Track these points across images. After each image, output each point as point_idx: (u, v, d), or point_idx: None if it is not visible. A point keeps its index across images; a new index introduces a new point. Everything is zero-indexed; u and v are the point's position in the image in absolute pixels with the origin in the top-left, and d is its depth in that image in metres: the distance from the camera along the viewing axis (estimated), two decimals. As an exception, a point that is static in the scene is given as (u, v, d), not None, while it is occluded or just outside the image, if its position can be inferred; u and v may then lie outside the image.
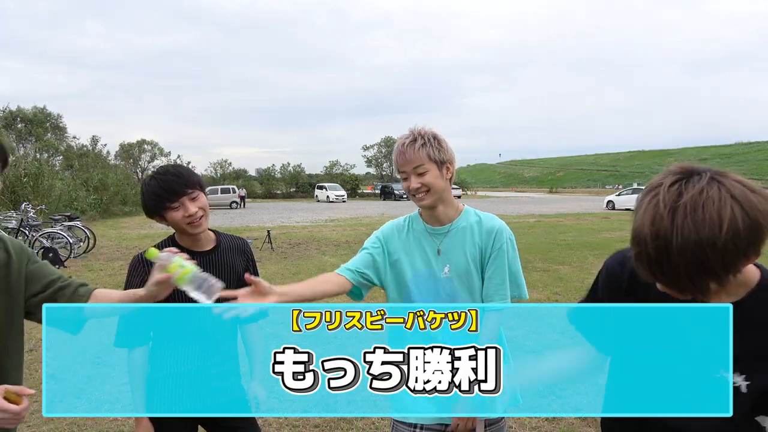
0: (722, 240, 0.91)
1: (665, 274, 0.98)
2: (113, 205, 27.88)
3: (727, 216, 0.92)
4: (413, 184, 1.81)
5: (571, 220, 22.34)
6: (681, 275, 0.96)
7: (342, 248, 12.86)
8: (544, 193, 77.75)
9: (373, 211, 30.62)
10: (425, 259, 1.90)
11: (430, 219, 1.92)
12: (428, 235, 1.91)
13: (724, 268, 0.95)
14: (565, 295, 7.22)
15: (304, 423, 3.56)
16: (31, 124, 60.57)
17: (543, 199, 51.70)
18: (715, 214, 0.92)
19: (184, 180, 1.80)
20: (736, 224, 0.92)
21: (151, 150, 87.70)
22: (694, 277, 0.95)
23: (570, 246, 12.59)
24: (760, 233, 0.95)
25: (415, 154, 1.77)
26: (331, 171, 67.14)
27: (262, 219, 24.67)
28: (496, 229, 1.86)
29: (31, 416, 3.67)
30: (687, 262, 0.94)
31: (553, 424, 3.52)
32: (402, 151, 1.80)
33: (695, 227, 0.92)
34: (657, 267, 0.97)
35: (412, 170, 1.80)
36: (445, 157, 1.81)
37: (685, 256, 0.93)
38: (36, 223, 11.73)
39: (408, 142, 1.79)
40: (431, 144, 1.78)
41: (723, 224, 0.91)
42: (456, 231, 1.88)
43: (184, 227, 1.84)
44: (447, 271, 1.86)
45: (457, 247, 1.87)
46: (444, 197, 1.85)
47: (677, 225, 0.93)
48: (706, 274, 0.95)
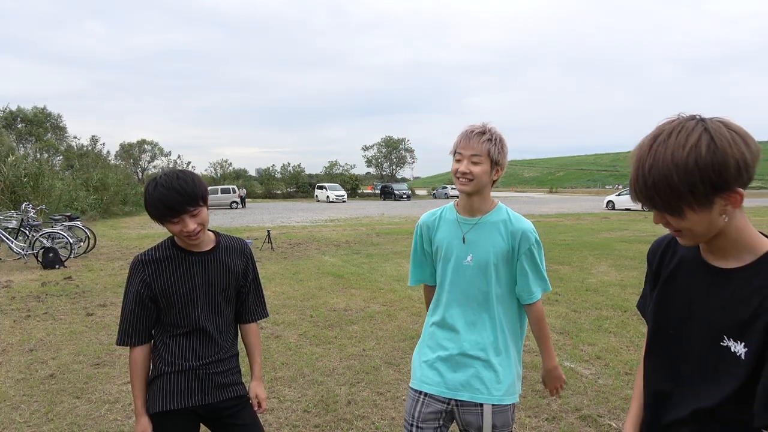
0: (684, 159, 1.03)
1: (643, 194, 1.11)
2: (113, 205, 27.86)
3: (693, 140, 1.04)
4: (463, 168, 1.92)
5: (571, 220, 22.34)
6: (654, 195, 1.09)
7: (342, 248, 12.87)
8: (544, 193, 77.75)
9: (373, 211, 30.62)
10: (451, 246, 2.04)
11: (463, 209, 2.05)
12: (458, 224, 2.04)
13: (689, 189, 1.05)
14: (565, 295, 7.23)
15: (304, 423, 3.56)
16: (31, 124, 60.57)
17: (543, 199, 51.70)
18: (683, 138, 1.05)
19: (186, 197, 1.78)
20: (699, 147, 1.03)
21: (151, 150, 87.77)
22: (665, 196, 1.08)
23: (570, 246, 12.60)
24: (726, 163, 1.04)
25: (479, 145, 1.90)
26: (331, 171, 67.10)
27: (262, 219, 24.67)
28: (523, 229, 1.98)
29: (31, 416, 3.68)
30: (657, 181, 1.07)
31: (553, 424, 3.52)
32: (468, 137, 1.93)
33: (665, 150, 1.06)
34: (637, 187, 1.11)
35: (468, 156, 1.92)
36: (501, 160, 1.95)
37: (655, 176, 1.07)
38: (36, 223, 11.72)
39: (477, 132, 1.93)
40: (495, 143, 1.92)
41: (687, 145, 1.04)
42: (485, 224, 2.00)
43: (181, 238, 1.88)
44: (469, 260, 2.00)
45: (483, 239, 1.99)
46: (483, 192, 1.98)
47: (653, 149, 1.08)
48: (675, 194, 1.07)
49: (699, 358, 1.22)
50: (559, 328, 5.70)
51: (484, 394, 1.97)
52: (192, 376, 1.92)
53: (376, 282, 8.39)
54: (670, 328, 1.29)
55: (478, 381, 1.98)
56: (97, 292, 7.79)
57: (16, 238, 11.44)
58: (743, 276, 1.16)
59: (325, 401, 3.89)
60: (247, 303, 2.09)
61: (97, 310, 6.71)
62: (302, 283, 8.41)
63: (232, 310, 2.05)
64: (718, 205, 1.09)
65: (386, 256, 11.32)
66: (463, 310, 2.01)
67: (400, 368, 4.53)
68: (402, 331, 5.62)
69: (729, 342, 1.15)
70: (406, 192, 52.79)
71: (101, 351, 5.06)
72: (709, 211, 1.10)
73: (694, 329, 1.23)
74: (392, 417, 3.64)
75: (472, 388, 1.98)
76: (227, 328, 2.02)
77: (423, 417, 2.01)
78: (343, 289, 7.94)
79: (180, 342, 1.92)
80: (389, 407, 3.80)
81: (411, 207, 36.15)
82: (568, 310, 6.45)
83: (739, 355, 1.13)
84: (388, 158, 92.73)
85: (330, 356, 4.86)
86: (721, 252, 1.19)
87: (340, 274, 9.09)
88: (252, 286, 2.09)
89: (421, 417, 2.01)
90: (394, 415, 3.66)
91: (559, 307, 6.63)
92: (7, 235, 11.03)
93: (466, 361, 1.99)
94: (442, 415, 2.01)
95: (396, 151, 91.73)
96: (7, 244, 10.97)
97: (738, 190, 1.08)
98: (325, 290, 7.82)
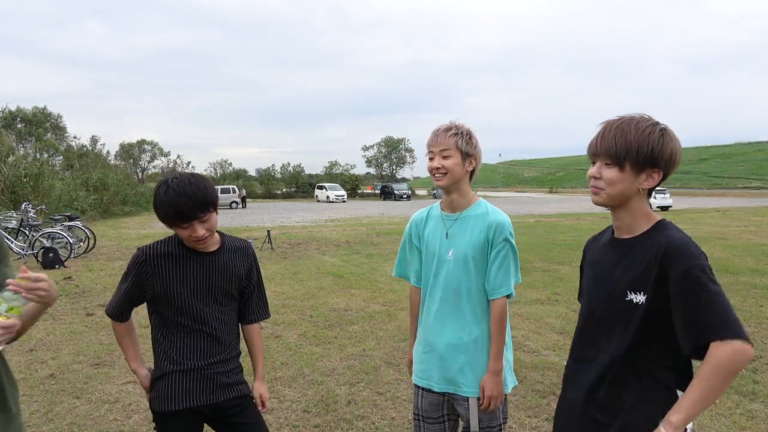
0: (643, 129, 1.43)
1: (605, 142, 1.47)
2: (113, 205, 27.82)
3: (652, 123, 1.45)
4: (435, 164, 2.01)
5: (570, 220, 22.34)
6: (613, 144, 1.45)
7: (342, 248, 12.87)
8: (544, 193, 77.73)
9: (373, 211, 30.63)
10: (435, 241, 2.11)
11: (446, 206, 2.13)
12: (442, 221, 2.13)
13: (637, 148, 1.42)
14: (565, 295, 7.22)
15: (304, 423, 3.56)
16: (31, 124, 60.56)
17: (543, 199, 51.72)
18: (646, 121, 1.45)
19: (198, 204, 1.78)
20: (656, 127, 1.44)
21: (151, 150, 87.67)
22: (620, 146, 1.43)
23: (570, 246, 12.57)
24: (666, 147, 1.43)
25: (446, 140, 2.00)
26: (331, 171, 67.06)
27: (262, 219, 24.66)
28: (498, 221, 2.02)
29: (31, 416, 3.67)
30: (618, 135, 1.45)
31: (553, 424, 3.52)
32: (437, 134, 2.03)
33: (630, 120, 1.46)
34: (601, 137, 1.48)
35: (438, 152, 2.01)
36: (470, 150, 2.02)
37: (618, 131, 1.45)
38: (36, 223, 11.72)
39: (443, 129, 2.03)
40: (462, 136, 2.00)
41: (648, 123, 1.45)
42: (465, 219, 2.07)
43: (189, 242, 1.89)
44: (450, 255, 2.05)
45: (463, 233, 2.05)
46: (460, 186, 2.05)
47: (621, 119, 1.48)
48: (626, 146, 1.43)
49: (611, 317, 1.50)
50: (559, 328, 5.70)
51: (469, 387, 2.02)
52: (197, 375, 1.92)
53: (376, 282, 8.39)
54: (594, 301, 1.58)
55: (462, 375, 2.03)
56: (97, 292, 7.79)
57: (16, 238, 11.45)
58: (640, 241, 1.48)
59: (325, 401, 3.89)
60: (250, 303, 2.10)
61: (97, 310, 6.71)
62: (302, 283, 8.41)
63: (235, 310, 2.05)
64: (641, 176, 1.45)
65: (386, 256, 11.32)
66: (447, 305, 2.06)
67: (400, 368, 4.53)
68: (402, 331, 5.62)
69: (631, 295, 1.45)
70: (406, 192, 52.82)
71: (101, 351, 5.06)
72: (635, 176, 1.45)
73: (603, 293, 1.54)
74: (392, 417, 3.64)
75: (457, 382, 2.04)
76: (231, 328, 2.02)
77: (425, 409, 2.12)
78: (343, 289, 7.94)
79: (185, 341, 1.93)
80: (389, 407, 3.79)
81: (411, 207, 36.14)
82: (568, 310, 6.45)
83: (639, 304, 1.43)
84: (388, 158, 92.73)
85: (330, 356, 4.86)
86: (627, 227, 1.52)
87: (340, 274, 9.09)
88: (255, 287, 2.10)
89: (424, 409, 2.12)
90: (394, 415, 3.66)
91: (559, 307, 6.63)
92: (7, 235, 11.03)
93: (450, 356, 2.04)
94: (443, 406, 2.10)
95: (396, 151, 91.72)
96: (7, 244, 10.96)
97: (659, 171, 1.45)
98: (325, 290, 7.82)
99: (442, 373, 2.06)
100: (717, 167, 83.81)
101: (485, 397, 2.00)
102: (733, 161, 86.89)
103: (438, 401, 2.10)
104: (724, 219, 20.97)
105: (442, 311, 2.06)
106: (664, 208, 29.59)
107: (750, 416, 3.58)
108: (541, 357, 4.79)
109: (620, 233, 1.55)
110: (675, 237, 1.41)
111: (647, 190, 1.48)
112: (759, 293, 7.26)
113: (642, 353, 1.45)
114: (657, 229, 1.47)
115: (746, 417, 3.56)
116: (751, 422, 3.49)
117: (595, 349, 1.54)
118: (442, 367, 2.06)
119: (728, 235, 14.67)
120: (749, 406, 3.74)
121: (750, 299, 6.92)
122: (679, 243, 1.39)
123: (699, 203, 38.56)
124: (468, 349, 2.02)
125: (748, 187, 65.46)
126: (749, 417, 3.57)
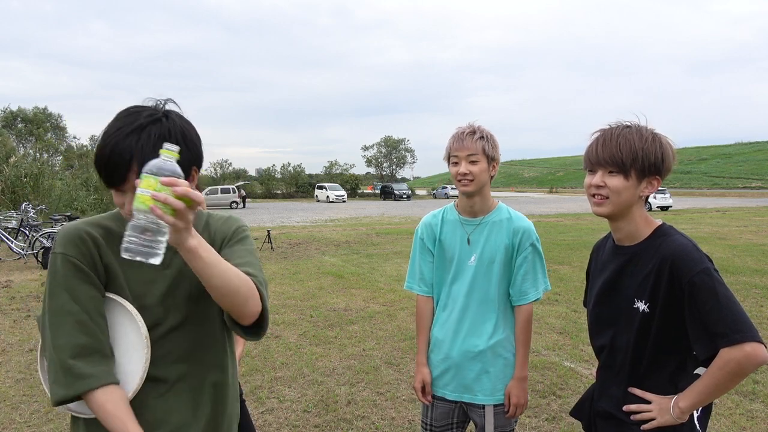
0: (646, 136, 1.44)
1: (608, 150, 1.45)
2: (113, 205, 27.53)
3: (652, 132, 1.46)
4: (462, 169, 1.93)
5: (570, 220, 22.34)
6: (617, 151, 1.43)
7: (342, 248, 12.86)
8: (544, 193, 77.68)
9: (373, 211, 30.62)
10: (454, 247, 2.03)
11: (465, 210, 2.05)
12: (461, 225, 2.05)
13: (642, 155, 1.42)
14: (565, 295, 7.22)
15: (304, 423, 3.56)
16: (32, 124, 60.48)
17: (543, 199, 51.70)
18: (646, 129, 1.47)
19: None
20: (658, 136, 1.46)
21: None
22: (626, 153, 1.42)
23: (570, 246, 12.59)
24: (667, 156, 1.45)
25: (473, 144, 1.92)
26: (331, 171, 67.08)
27: (262, 219, 24.66)
28: (524, 228, 2.00)
29: (31, 416, 3.68)
30: (622, 143, 1.43)
31: (553, 424, 3.52)
32: (461, 138, 1.95)
33: (630, 129, 1.46)
34: (603, 145, 1.46)
35: (465, 157, 1.93)
36: (495, 155, 1.97)
37: (622, 139, 1.44)
38: (36, 223, 11.72)
39: (468, 132, 1.95)
40: (488, 140, 1.94)
41: (649, 131, 1.46)
42: (487, 224, 2.01)
43: None
44: (473, 260, 2.00)
45: (486, 239, 2.00)
46: (483, 191, 1.99)
47: (620, 128, 1.48)
48: (632, 154, 1.42)
49: (618, 323, 1.54)
50: (559, 328, 5.70)
51: (486, 395, 1.98)
52: None
53: (376, 282, 8.39)
54: (602, 304, 1.61)
55: (478, 383, 1.99)
56: (97, 292, 7.79)
57: (16, 238, 11.44)
58: (641, 249, 1.50)
59: (325, 401, 3.89)
60: None
61: (97, 310, 6.70)
62: (302, 283, 8.41)
63: None
64: (642, 184, 1.45)
65: (386, 256, 11.32)
66: (465, 312, 2.01)
67: (400, 368, 4.53)
68: (402, 331, 5.62)
69: (638, 303, 1.47)
70: (406, 192, 52.73)
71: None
72: (637, 184, 1.45)
73: (615, 300, 1.55)
74: (392, 417, 3.64)
75: (473, 390, 2.00)
76: None
77: (435, 417, 2.08)
78: (343, 289, 7.94)
79: None
80: (389, 407, 3.79)
81: (411, 207, 36.14)
82: (568, 310, 6.45)
83: (642, 311, 1.47)
84: (388, 158, 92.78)
85: (330, 356, 4.86)
86: (629, 236, 1.53)
87: (340, 274, 9.09)
88: None
89: (434, 418, 2.08)
90: (394, 415, 3.66)
91: (559, 307, 6.63)
92: (7, 235, 11.03)
93: (467, 363, 1.99)
94: (454, 413, 2.06)
95: (396, 151, 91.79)
96: (7, 244, 10.97)
97: (659, 178, 1.46)
98: (325, 290, 7.82)
99: (457, 381, 2.01)
100: (717, 167, 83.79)
101: (511, 404, 1.97)
102: (733, 161, 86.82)
103: (450, 409, 2.05)
104: (724, 219, 20.99)
105: (459, 318, 2.00)
106: (664, 208, 29.60)
107: (750, 416, 3.58)
108: (541, 357, 4.79)
109: (621, 241, 1.56)
110: (676, 245, 1.42)
111: (646, 197, 1.50)
112: (759, 293, 7.27)
113: (654, 359, 1.48)
114: (658, 236, 1.48)
115: (746, 417, 3.57)
116: (751, 422, 3.50)
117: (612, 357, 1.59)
118: (457, 375, 2.01)
119: (728, 235, 14.66)
120: (749, 406, 3.74)
121: (750, 299, 6.92)
122: (680, 251, 1.40)
123: (699, 203, 38.54)
124: (485, 356, 1.97)
125: (748, 187, 65.45)
126: (749, 417, 3.57)
